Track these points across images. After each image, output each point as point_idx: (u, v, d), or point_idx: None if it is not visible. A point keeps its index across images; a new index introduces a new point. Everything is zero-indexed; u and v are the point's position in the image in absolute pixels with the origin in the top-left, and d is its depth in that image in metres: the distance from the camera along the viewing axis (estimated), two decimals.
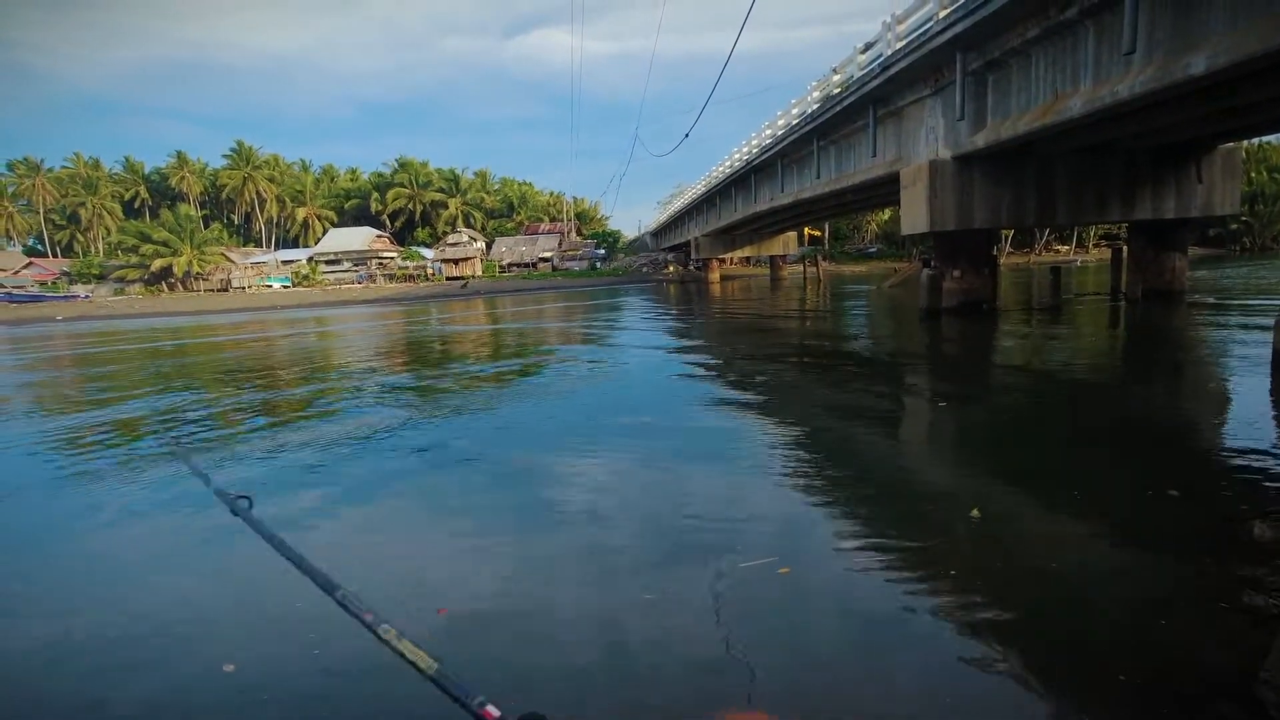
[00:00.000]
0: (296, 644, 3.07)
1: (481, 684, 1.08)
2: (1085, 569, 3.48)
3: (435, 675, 1.13)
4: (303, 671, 2.90)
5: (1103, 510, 4.24)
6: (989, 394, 8.74)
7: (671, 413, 7.81)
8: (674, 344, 15.78)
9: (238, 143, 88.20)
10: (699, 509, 4.57)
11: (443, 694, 1.10)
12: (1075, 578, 3.40)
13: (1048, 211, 15.63)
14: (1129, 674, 2.55)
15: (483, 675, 2.64)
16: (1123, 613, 3.07)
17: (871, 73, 15.93)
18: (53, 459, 7.03)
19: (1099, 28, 10.58)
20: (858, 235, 74.81)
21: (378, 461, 6.23)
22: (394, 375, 12.51)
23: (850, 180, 19.71)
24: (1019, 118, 12.57)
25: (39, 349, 24.62)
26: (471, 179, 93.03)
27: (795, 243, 49.89)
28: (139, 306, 58.28)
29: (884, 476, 5.23)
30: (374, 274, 76.40)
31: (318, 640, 3.01)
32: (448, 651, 1.46)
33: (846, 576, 3.50)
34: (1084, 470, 5.13)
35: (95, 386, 13.20)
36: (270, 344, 21.22)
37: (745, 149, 29.17)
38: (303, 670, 2.91)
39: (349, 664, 2.80)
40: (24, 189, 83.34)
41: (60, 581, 4.06)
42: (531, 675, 2.76)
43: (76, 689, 2.89)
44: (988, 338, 13.49)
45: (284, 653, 3.07)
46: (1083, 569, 3.48)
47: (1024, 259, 61.63)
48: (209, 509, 4.61)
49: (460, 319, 28.21)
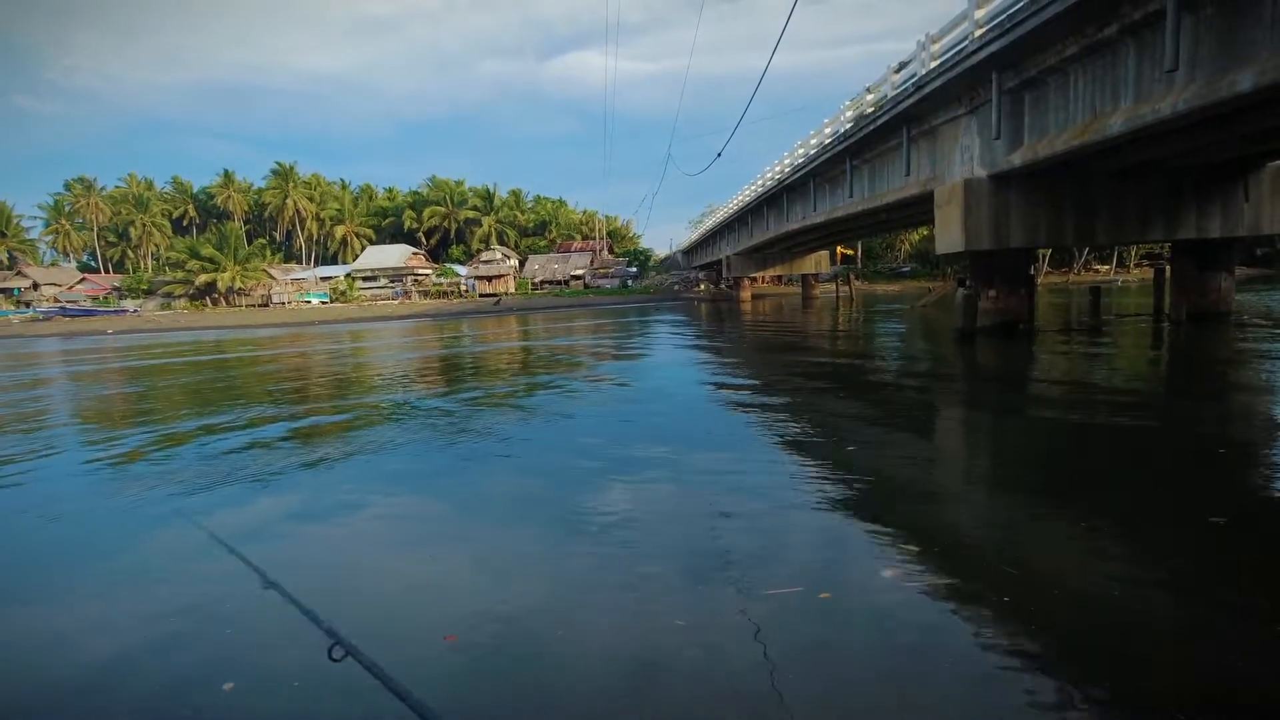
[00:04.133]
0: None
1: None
2: (1126, 596, 3.40)
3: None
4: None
5: (1144, 537, 4.13)
6: (1025, 416, 8.56)
7: (704, 436, 7.80)
8: (705, 364, 15.77)
9: (278, 163, 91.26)
10: (730, 537, 4.55)
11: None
12: (1117, 605, 3.32)
13: (1087, 231, 15.34)
14: (1178, 700, 2.48)
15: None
16: (1165, 639, 2.98)
17: (905, 91, 15.88)
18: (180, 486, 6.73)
19: (1140, 45, 10.43)
20: (891, 254, 74.10)
21: (427, 463, 6.33)
22: (428, 391, 12.69)
23: (883, 199, 19.59)
24: (1057, 136, 12.41)
25: (103, 360, 25.48)
26: (505, 197, 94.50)
27: (828, 262, 49.55)
28: (184, 321, 60.10)
29: (914, 499, 5.16)
30: (409, 290, 77.80)
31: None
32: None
33: (887, 604, 3.46)
34: (1124, 495, 5.00)
35: (198, 402, 13.60)
36: (321, 358, 21.68)
37: (777, 168, 29.18)
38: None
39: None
40: (79, 207, 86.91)
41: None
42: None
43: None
44: (1024, 359, 13.23)
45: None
46: (1124, 596, 3.40)
47: (1062, 279, 60.42)
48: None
49: (492, 335, 28.55)
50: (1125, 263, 63.99)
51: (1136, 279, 55.43)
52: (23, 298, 75.20)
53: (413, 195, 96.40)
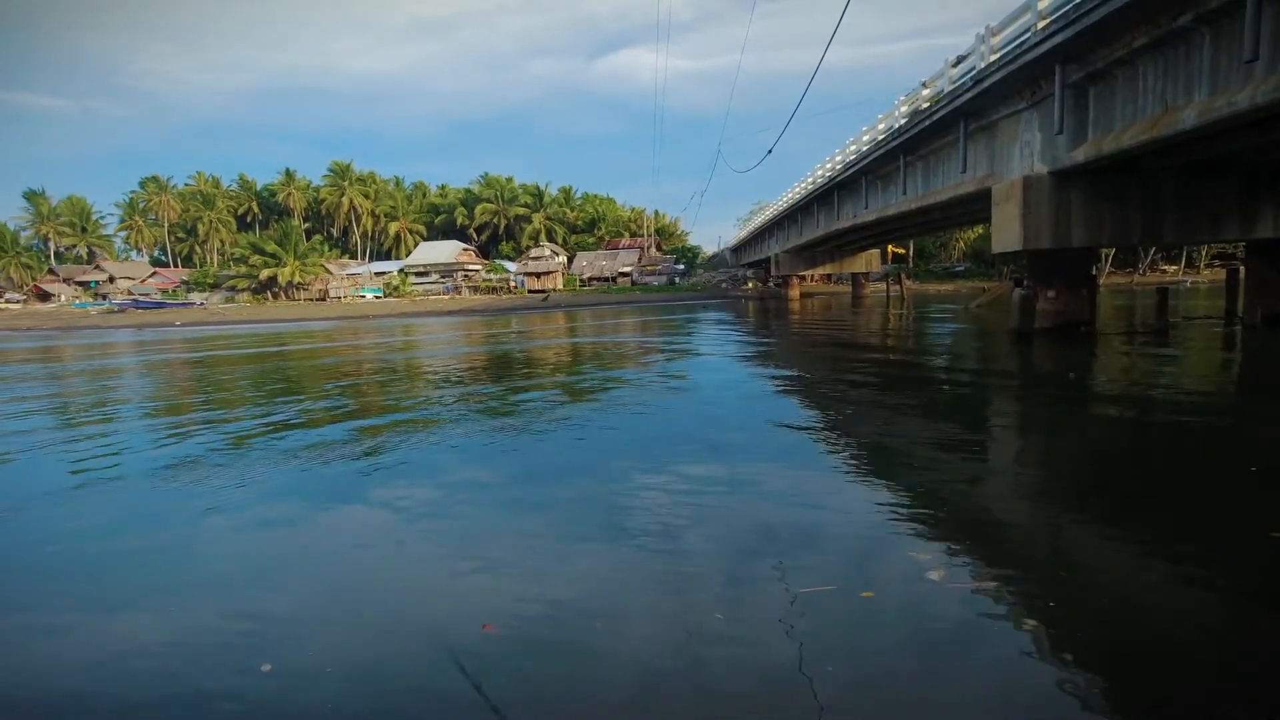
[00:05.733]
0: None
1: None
2: (1184, 610, 3.32)
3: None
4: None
5: (1203, 551, 4.00)
6: (1084, 422, 8.31)
7: (753, 434, 7.81)
8: (754, 363, 15.71)
9: (334, 162, 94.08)
10: (778, 538, 4.57)
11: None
12: (1174, 620, 3.25)
13: (1153, 229, 14.72)
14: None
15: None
16: (1223, 658, 2.90)
17: (963, 86, 15.52)
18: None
19: (1216, 34, 9.99)
20: (944, 253, 72.38)
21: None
22: (482, 388, 12.97)
23: (937, 197, 19.18)
24: (1123, 131, 11.97)
25: (192, 349, 26.75)
26: (555, 194, 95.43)
27: (878, 260, 48.65)
28: (246, 313, 62.41)
29: (963, 505, 5.09)
30: (459, 286, 79.28)
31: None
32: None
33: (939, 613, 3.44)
34: (1184, 508, 4.84)
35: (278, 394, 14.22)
36: (380, 352, 22.35)
37: (828, 165, 28.83)
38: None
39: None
40: (152, 205, 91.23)
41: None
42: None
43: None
44: (1084, 362, 12.80)
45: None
46: (1182, 611, 3.32)
47: (1126, 279, 58.09)
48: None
49: (540, 332, 28.92)
50: (1195, 263, 61.17)
51: (1207, 280, 52.94)
52: (100, 290, 79.23)
53: (464, 192, 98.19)
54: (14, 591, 4.03)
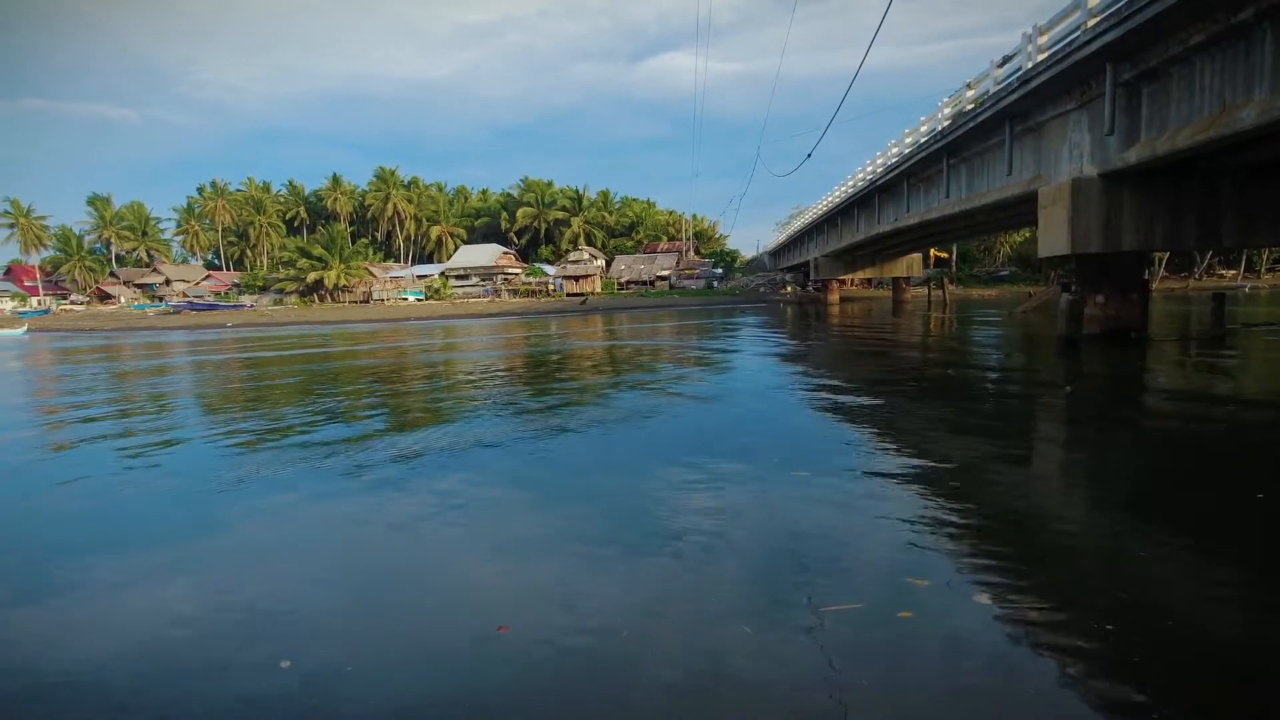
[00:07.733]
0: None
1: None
2: (1245, 632, 3.23)
3: None
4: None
5: (1261, 565, 3.88)
6: (1136, 432, 8.08)
7: (793, 444, 7.77)
8: (794, 369, 15.58)
9: (379, 168, 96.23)
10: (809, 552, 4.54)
11: None
12: (1235, 641, 3.16)
13: (1210, 233, 14.20)
14: None
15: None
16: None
17: (1009, 86, 15.21)
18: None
19: (1278, 29, 9.62)
20: (988, 258, 70.78)
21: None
22: (512, 390, 13.14)
23: (982, 200, 18.81)
24: (1178, 131, 11.60)
25: (244, 348, 27.72)
26: (594, 198, 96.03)
27: (920, 265, 47.81)
28: (294, 315, 64.13)
29: (1008, 515, 5.01)
30: (499, 289, 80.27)
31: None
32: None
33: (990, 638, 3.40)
34: (1243, 521, 4.68)
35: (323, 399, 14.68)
36: (424, 354, 22.79)
37: (869, 168, 28.48)
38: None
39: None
40: (208, 210, 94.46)
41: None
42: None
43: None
44: (1135, 370, 12.42)
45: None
46: (1243, 632, 3.23)
47: (1181, 284, 55.98)
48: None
49: (577, 334, 29.12)
50: (1255, 267, 58.65)
51: (1268, 285, 50.78)
52: (157, 293, 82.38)
53: (505, 196, 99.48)
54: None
